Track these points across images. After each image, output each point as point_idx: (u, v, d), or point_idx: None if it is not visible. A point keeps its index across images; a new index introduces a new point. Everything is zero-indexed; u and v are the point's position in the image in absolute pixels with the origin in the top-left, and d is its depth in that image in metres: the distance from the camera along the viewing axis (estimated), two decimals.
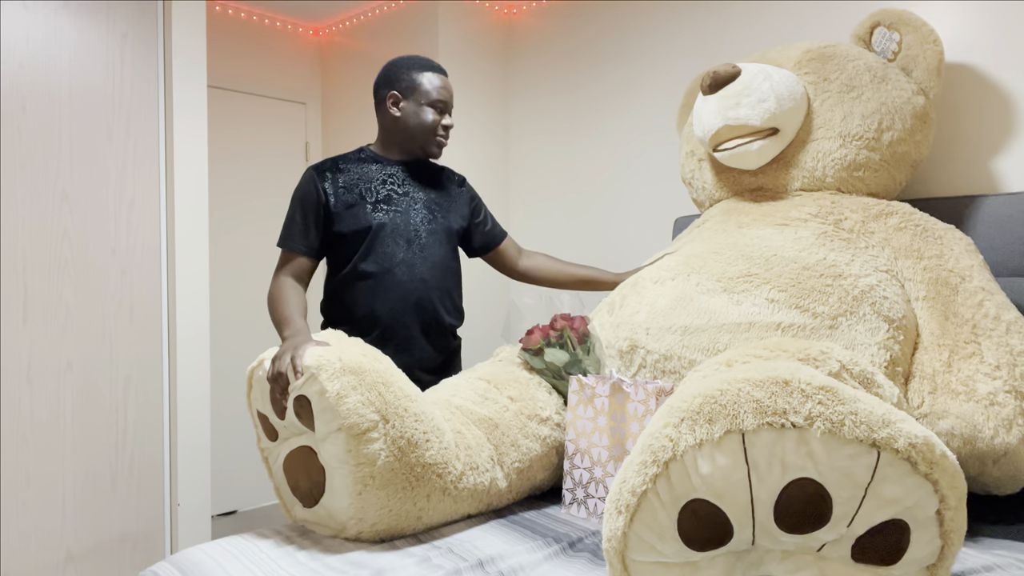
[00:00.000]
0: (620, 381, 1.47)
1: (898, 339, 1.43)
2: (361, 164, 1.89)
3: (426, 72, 1.88)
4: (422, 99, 1.87)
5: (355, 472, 1.27)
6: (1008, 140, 1.87)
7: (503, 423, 1.53)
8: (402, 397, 1.35)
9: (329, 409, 1.27)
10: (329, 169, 1.87)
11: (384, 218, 1.83)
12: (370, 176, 1.88)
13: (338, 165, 1.88)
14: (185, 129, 2.24)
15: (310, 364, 1.29)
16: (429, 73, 1.88)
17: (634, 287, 1.75)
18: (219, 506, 3.19)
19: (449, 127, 1.91)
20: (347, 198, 1.83)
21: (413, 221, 1.87)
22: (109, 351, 2.14)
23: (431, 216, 1.90)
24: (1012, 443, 1.31)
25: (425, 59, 1.92)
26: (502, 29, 3.12)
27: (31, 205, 2.01)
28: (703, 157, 2.00)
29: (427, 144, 1.89)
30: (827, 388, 0.87)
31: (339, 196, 1.83)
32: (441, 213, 1.92)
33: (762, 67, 1.77)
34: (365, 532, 1.33)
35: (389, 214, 1.84)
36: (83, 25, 2.09)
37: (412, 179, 1.92)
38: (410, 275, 1.83)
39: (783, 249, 1.59)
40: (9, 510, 1.97)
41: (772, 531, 0.87)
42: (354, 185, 1.85)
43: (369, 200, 1.84)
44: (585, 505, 1.50)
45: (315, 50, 3.51)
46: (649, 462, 0.89)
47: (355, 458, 1.27)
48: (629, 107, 2.71)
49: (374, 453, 1.27)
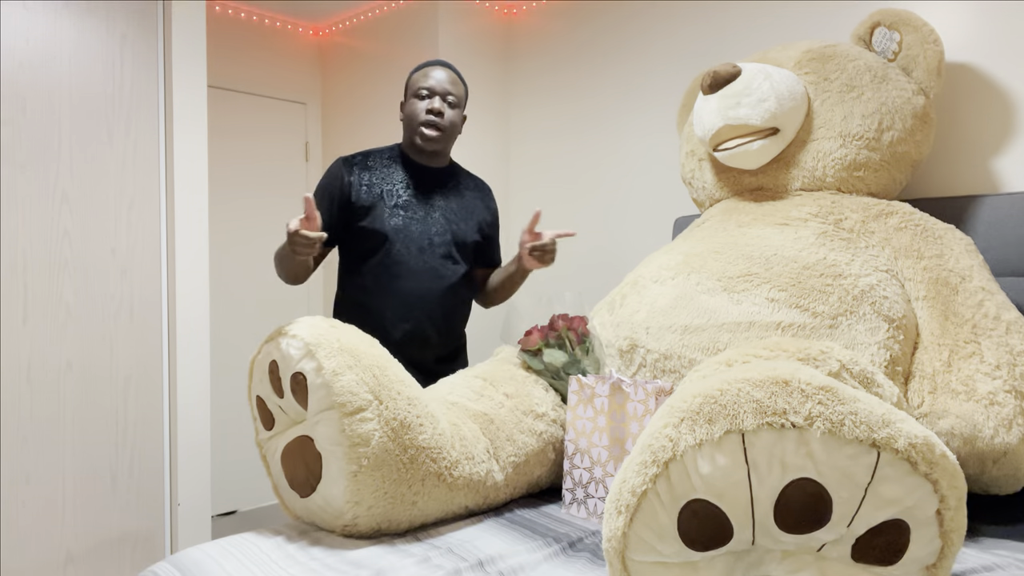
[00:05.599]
0: (620, 381, 1.47)
1: (898, 339, 1.43)
2: (389, 163, 1.89)
3: (419, 70, 1.89)
4: (410, 94, 1.88)
5: (349, 453, 1.28)
6: (1008, 140, 1.86)
7: (498, 418, 1.54)
8: (396, 381, 1.36)
9: (324, 386, 1.28)
10: (358, 164, 1.87)
11: (399, 223, 1.83)
12: (394, 178, 1.87)
13: (367, 161, 1.89)
14: (185, 129, 2.24)
15: (309, 340, 1.31)
16: (421, 70, 1.88)
17: (634, 286, 1.75)
18: (219, 506, 3.19)
19: (434, 110, 1.83)
20: (368, 196, 1.83)
21: (428, 230, 1.86)
22: (109, 351, 2.14)
23: (447, 225, 1.89)
24: (1012, 443, 1.31)
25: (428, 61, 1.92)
26: (502, 29, 3.12)
27: (31, 205, 2.01)
28: (703, 157, 2.00)
29: (415, 135, 1.86)
30: (827, 388, 0.87)
31: (361, 192, 1.83)
32: (457, 223, 1.91)
33: (762, 67, 1.77)
34: (361, 517, 1.33)
35: (405, 220, 1.84)
36: (83, 25, 2.09)
37: (435, 185, 1.91)
38: (417, 284, 1.84)
39: (783, 249, 1.59)
40: (9, 510, 1.97)
41: (772, 531, 0.87)
42: (377, 183, 1.85)
43: (388, 203, 1.84)
44: (585, 505, 1.50)
45: (315, 50, 3.51)
46: (649, 462, 0.89)
47: (349, 439, 1.27)
48: (629, 107, 2.71)
49: (368, 433, 1.28)
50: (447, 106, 1.86)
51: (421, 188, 1.89)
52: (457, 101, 1.88)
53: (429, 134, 1.85)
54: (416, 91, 1.85)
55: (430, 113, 1.83)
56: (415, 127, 1.85)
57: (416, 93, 1.85)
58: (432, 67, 1.88)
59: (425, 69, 1.88)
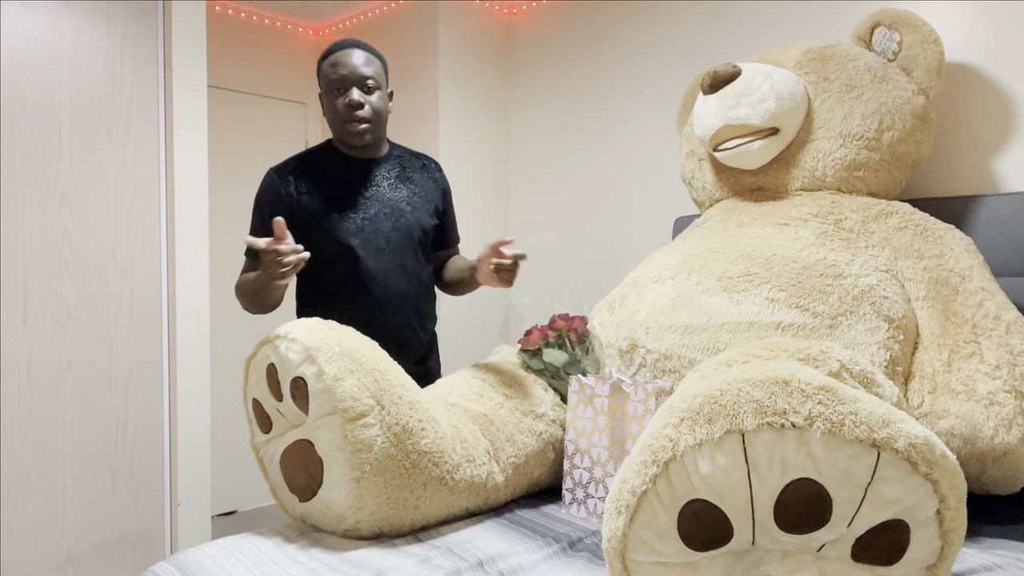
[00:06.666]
0: (620, 381, 1.47)
1: (898, 339, 1.43)
2: (325, 164, 1.78)
3: (325, 58, 1.74)
4: (323, 89, 1.75)
5: (352, 459, 1.27)
6: (1008, 140, 1.86)
7: (498, 419, 1.53)
8: (397, 386, 1.35)
9: (325, 391, 1.27)
10: (293, 172, 1.76)
11: (353, 227, 1.74)
12: (334, 178, 1.77)
13: (301, 167, 1.78)
14: (185, 129, 2.24)
15: (308, 344, 1.29)
16: (328, 58, 1.73)
17: (634, 286, 1.75)
18: (219, 506, 3.19)
19: (353, 103, 1.69)
20: (313, 205, 1.73)
21: (382, 228, 1.76)
22: (109, 351, 2.14)
23: (401, 219, 1.79)
24: (1012, 443, 1.31)
25: (333, 43, 1.75)
26: (502, 29, 3.12)
27: (31, 205, 2.01)
28: (703, 157, 2.00)
29: (342, 135, 1.74)
30: (827, 388, 0.87)
31: (304, 202, 1.73)
32: (412, 212, 1.81)
33: (762, 67, 1.77)
34: (363, 522, 1.33)
35: (357, 223, 1.74)
36: (83, 25, 2.09)
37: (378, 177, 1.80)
38: (383, 287, 1.76)
39: (783, 249, 1.59)
40: (9, 510, 1.97)
41: (772, 531, 0.87)
42: (318, 190, 1.74)
43: (336, 209, 1.73)
44: (585, 505, 1.50)
45: (315, 50, 3.50)
46: (649, 462, 0.89)
47: (351, 444, 1.26)
48: (629, 107, 2.71)
49: (370, 439, 1.27)
50: (365, 93, 1.72)
51: (365, 183, 1.77)
52: (376, 83, 1.72)
53: (356, 129, 1.72)
54: (328, 87, 1.71)
55: (350, 108, 1.70)
56: (340, 126, 1.73)
57: (328, 89, 1.72)
58: (339, 52, 1.71)
59: (332, 57, 1.71)
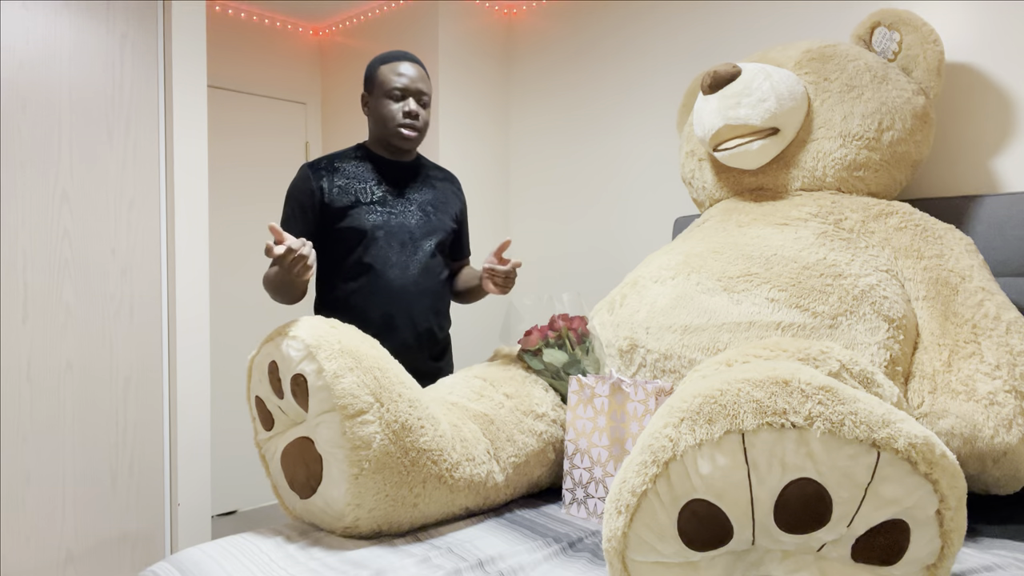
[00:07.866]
0: (620, 381, 1.47)
1: (898, 339, 1.43)
2: (356, 163, 1.88)
3: (385, 64, 1.84)
4: (380, 92, 1.83)
5: (351, 456, 1.27)
6: (1008, 140, 1.86)
7: (499, 419, 1.53)
8: (397, 383, 1.36)
9: (325, 388, 1.28)
10: (325, 167, 1.85)
11: (379, 220, 1.82)
12: (365, 176, 1.86)
13: (333, 163, 1.87)
14: (185, 129, 2.24)
15: (309, 341, 1.30)
16: (388, 64, 1.83)
17: (634, 286, 1.75)
18: (219, 506, 3.19)
19: (412, 113, 1.81)
20: (342, 198, 1.82)
21: (407, 224, 1.86)
22: (109, 351, 2.14)
23: (425, 218, 1.89)
24: (1012, 443, 1.31)
25: (391, 52, 1.86)
26: (502, 29, 3.12)
27: (31, 205, 2.01)
28: (703, 157, 2.00)
29: (391, 136, 1.84)
30: (827, 388, 0.87)
31: (334, 195, 1.82)
32: (435, 214, 1.91)
33: (762, 67, 1.77)
34: (363, 519, 1.33)
35: (384, 216, 1.83)
36: (83, 25, 2.09)
37: (406, 179, 1.90)
38: (403, 279, 1.83)
39: (783, 249, 1.59)
40: (9, 510, 1.97)
41: (772, 531, 0.87)
42: (349, 185, 1.84)
43: (364, 201, 1.83)
44: (585, 505, 1.50)
45: (315, 50, 3.51)
46: (649, 462, 0.89)
47: (350, 441, 1.27)
48: (629, 107, 2.71)
49: (369, 436, 1.28)
50: (421, 107, 1.84)
51: (394, 184, 1.88)
52: (428, 100, 1.86)
53: (408, 135, 1.83)
54: (387, 91, 1.81)
55: (408, 116, 1.81)
56: (391, 129, 1.83)
57: (387, 93, 1.81)
58: (400, 62, 1.83)
59: (394, 64, 1.82)
